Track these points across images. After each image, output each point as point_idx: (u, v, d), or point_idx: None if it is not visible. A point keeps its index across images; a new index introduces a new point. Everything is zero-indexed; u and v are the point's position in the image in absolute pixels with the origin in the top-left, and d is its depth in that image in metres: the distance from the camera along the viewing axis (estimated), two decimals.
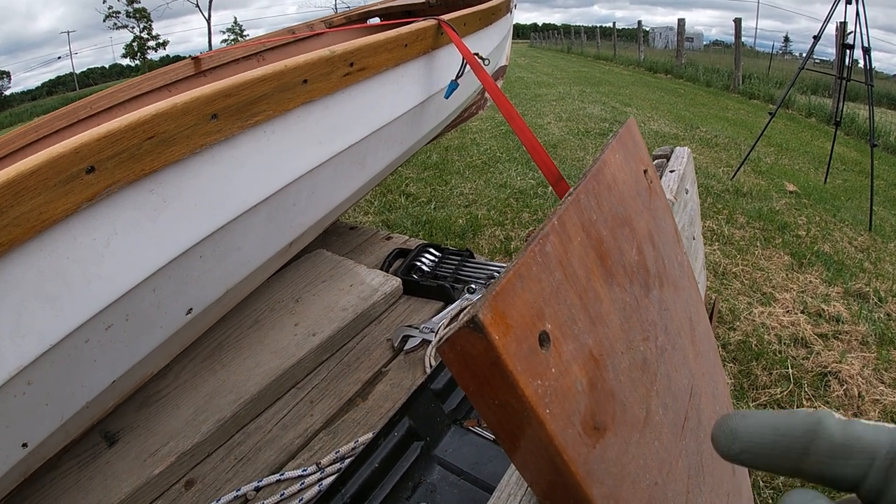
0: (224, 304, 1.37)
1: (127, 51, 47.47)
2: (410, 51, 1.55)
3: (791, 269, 3.51)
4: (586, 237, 0.44)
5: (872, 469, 0.27)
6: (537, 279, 0.36)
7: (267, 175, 1.23)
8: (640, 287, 0.53)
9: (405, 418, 1.10)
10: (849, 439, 0.28)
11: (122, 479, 1.15)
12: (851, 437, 0.28)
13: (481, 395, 0.34)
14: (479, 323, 0.30)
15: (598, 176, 0.50)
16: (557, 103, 9.30)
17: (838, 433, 0.28)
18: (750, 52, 21.68)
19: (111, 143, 0.90)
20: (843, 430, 0.28)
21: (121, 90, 2.24)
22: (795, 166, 6.07)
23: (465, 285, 1.71)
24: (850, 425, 0.28)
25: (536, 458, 0.37)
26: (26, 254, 0.86)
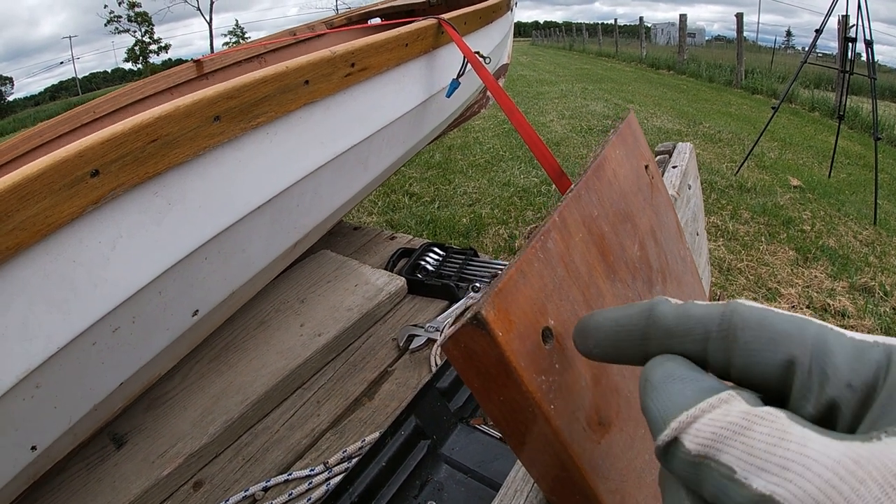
0: (230, 305, 1.37)
1: (129, 55, 47.49)
2: (411, 50, 1.55)
3: (796, 263, 3.51)
4: (588, 233, 0.44)
5: (710, 343, 0.28)
6: (539, 275, 0.37)
7: (270, 176, 1.23)
8: (642, 283, 0.53)
9: (412, 417, 1.10)
10: (681, 319, 0.29)
11: (130, 480, 1.15)
12: (683, 316, 0.29)
13: (486, 391, 0.34)
14: (483, 320, 0.31)
15: (598, 171, 0.50)
16: (560, 101, 9.29)
17: (671, 315, 0.29)
18: (752, 47, 21.60)
19: (115, 146, 0.90)
20: (676, 311, 0.29)
21: (123, 94, 2.24)
22: (799, 161, 6.05)
23: (470, 284, 1.71)
24: (682, 307, 0.29)
25: (542, 454, 0.37)
26: (32, 257, 0.87)
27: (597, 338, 0.33)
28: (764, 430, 0.22)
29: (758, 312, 0.26)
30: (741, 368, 0.26)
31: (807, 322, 0.25)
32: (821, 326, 0.25)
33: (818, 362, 0.24)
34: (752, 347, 0.26)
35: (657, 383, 0.27)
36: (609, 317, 0.32)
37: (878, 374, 0.23)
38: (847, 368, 0.24)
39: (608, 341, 0.32)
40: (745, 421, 0.23)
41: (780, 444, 0.22)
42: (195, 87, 2.44)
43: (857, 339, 0.25)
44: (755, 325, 0.26)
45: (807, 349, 0.25)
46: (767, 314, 0.26)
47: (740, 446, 0.22)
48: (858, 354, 0.24)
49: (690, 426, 0.24)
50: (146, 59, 47.15)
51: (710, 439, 0.23)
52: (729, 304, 0.28)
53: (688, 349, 0.28)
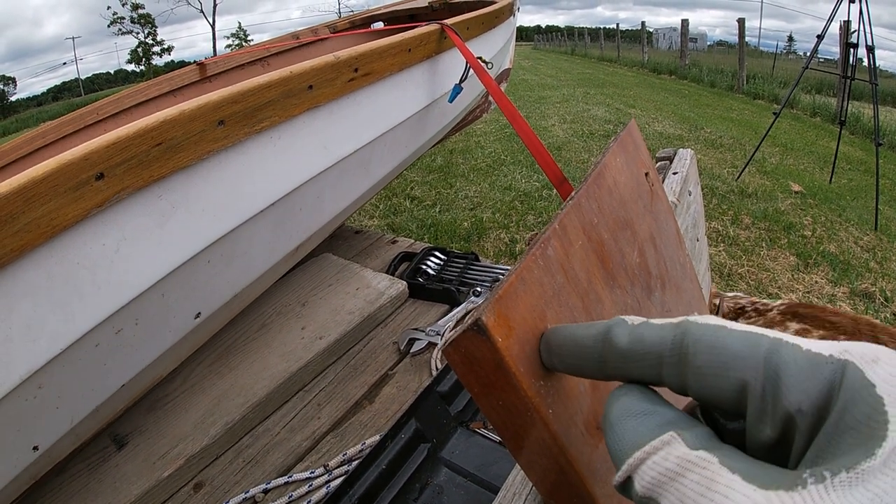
0: (232, 307, 1.38)
1: (132, 56, 47.48)
2: (414, 55, 1.56)
3: (797, 269, 3.50)
4: (587, 240, 0.45)
5: (663, 367, 0.28)
6: (539, 282, 0.37)
7: (273, 180, 1.24)
8: (641, 289, 0.53)
9: (412, 420, 1.11)
10: (634, 344, 0.29)
11: (131, 481, 1.16)
12: (636, 341, 0.29)
13: (485, 396, 0.34)
14: (483, 326, 0.31)
15: (598, 179, 0.50)
16: (561, 105, 9.29)
17: (625, 340, 0.29)
18: (754, 52, 21.64)
19: (120, 149, 0.91)
20: (630, 335, 0.29)
21: (127, 96, 2.24)
22: (800, 166, 6.05)
23: (471, 288, 1.72)
24: (636, 330, 0.30)
25: (540, 458, 0.38)
26: (37, 259, 0.87)
27: (559, 354, 0.34)
28: (695, 476, 0.23)
29: (710, 333, 0.26)
30: (696, 392, 0.27)
31: (760, 338, 0.25)
32: (774, 343, 0.25)
33: (770, 385, 0.24)
34: (703, 372, 0.26)
35: (614, 421, 0.28)
36: (570, 335, 0.33)
37: (829, 394, 0.23)
38: (798, 390, 0.23)
39: (570, 359, 0.33)
40: (679, 467, 0.24)
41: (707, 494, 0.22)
42: (198, 90, 2.45)
43: (812, 353, 0.24)
44: (706, 348, 0.26)
45: (759, 371, 0.24)
46: (720, 334, 0.26)
47: (675, 492, 0.23)
48: (811, 372, 0.24)
49: (639, 468, 0.25)
50: (149, 61, 47.14)
51: (652, 483, 0.24)
52: (681, 324, 0.28)
53: (643, 374, 0.29)
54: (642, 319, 0.30)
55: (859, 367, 0.23)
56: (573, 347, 0.33)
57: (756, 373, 0.24)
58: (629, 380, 0.30)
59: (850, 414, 0.22)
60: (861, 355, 0.23)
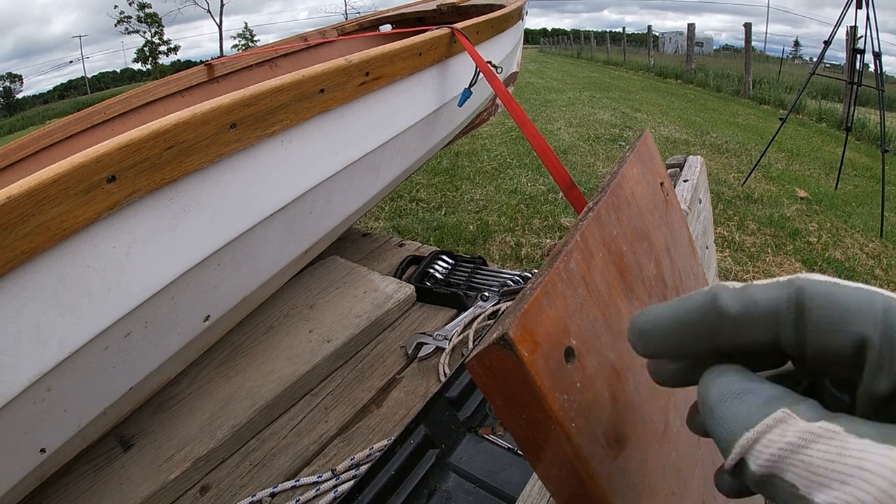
0: (240, 310, 1.38)
1: (138, 55, 47.63)
2: (424, 59, 1.56)
3: None
4: (608, 252, 0.45)
5: (781, 326, 0.27)
6: (562, 296, 0.37)
7: (284, 184, 1.24)
8: (658, 300, 0.53)
9: (421, 426, 1.10)
10: (746, 307, 0.28)
11: (137, 483, 1.16)
12: (748, 303, 0.28)
13: (508, 409, 0.34)
14: (509, 340, 0.31)
15: (617, 191, 0.50)
16: (567, 109, 9.28)
17: (734, 305, 0.29)
18: (760, 57, 21.60)
19: (132, 152, 0.91)
20: (739, 299, 0.29)
21: (135, 95, 2.25)
22: (806, 172, 6.04)
23: (479, 293, 1.72)
24: (744, 293, 0.29)
25: (560, 470, 0.38)
26: (47, 262, 0.87)
27: (657, 339, 0.32)
28: (822, 447, 0.23)
29: (825, 288, 0.26)
30: (817, 348, 0.26)
31: (874, 294, 0.26)
32: (888, 298, 0.25)
33: (888, 339, 0.24)
34: (822, 328, 0.26)
35: (713, 405, 0.27)
36: (666, 315, 0.31)
37: None
38: None
39: (671, 340, 0.31)
40: (802, 440, 0.23)
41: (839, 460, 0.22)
42: (206, 91, 2.46)
43: None
44: (823, 302, 0.26)
45: (877, 325, 0.25)
46: (834, 290, 0.26)
47: (800, 464, 0.23)
48: None
49: (752, 448, 0.25)
50: (155, 60, 47.26)
51: (771, 460, 0.24)
52: (793, 280, 0.28)
53: (759, 338, 0.28)
54: (742, 283, 0.30)
55: None
56: (675, 325, 0.31)
57: (875, 327, 0.25)
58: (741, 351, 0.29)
59: None
60: None
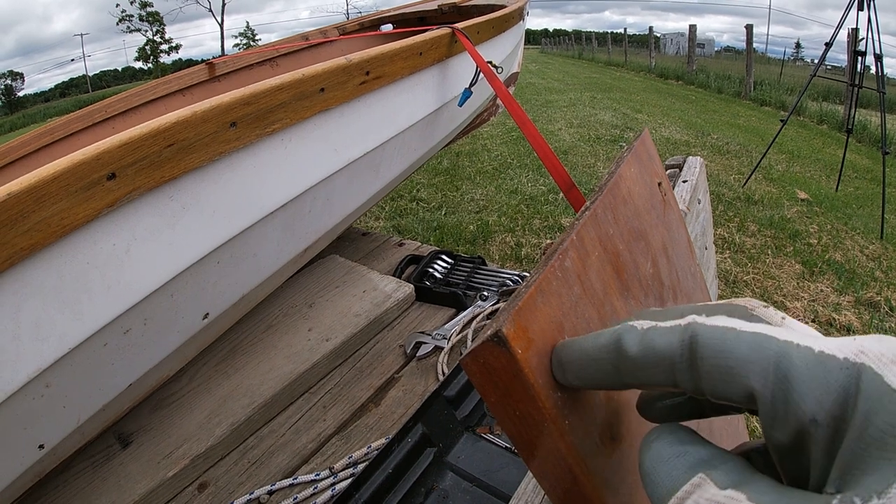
0: (239, 308, 1.38)
1: (140, 54, 47.65)
2: (425, 59, 1.56)
3: (802, 277, 3.50)
4: (603, 251, 0.45)
5: (676, 373, 0.27)
6: (557, 294, 0.37)
7: (284, 182, 1.24)
8: (654, 300, 0.53)
9: (419, 425, 1.10)
10: (645, 352, 0.28)
11: (135, 480, 1.16)
12: (647, 348, 0.28)
13: (502, 406, 0.35)
14: (503, 337, 0.31)
15: (614, 190, 0.50)
16: (568, 109, 9.28)
17: (635, 348, 0.29)
18: (761, 59, 21.59)
19: (132, 150, 0.91)
20: (640, 343, 0.29)
21: (136, 94, 2.25)
22: (807, 174, 6.04)
23: (478, 293, 1.72)
24: (646, 336, 0.29)
25: (555, 468, 0.38)
26: (47, 259, 0.87)
27: (573, 370, 0.33)
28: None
29: (718, 335, 0.26)
30: (710, 395, 0.26)
31: (768, 340, 0.24)
32: (783, 346, 0.24)
33: (780, 393, 0.23)
34: (713, 377, 0.25)
35: (648, 469, 0.28)
36: (580, 349, 0.32)
37: (845, 402, 0.22)
38: (811, 400, 0.22)
39: (584, 373, 0.32)
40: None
41: None
42: (207, 89, 2.46)
43: (825, 356, 0.23)
44: (714, 352, 0.25)
45: (768, 377, 0.24)
46: (728, 337, 0.25)
47: None
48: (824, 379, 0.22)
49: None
50: (157, 59, 47.30)
51: None
52: (689, 326, 0.27)
53: (659, 380, 0.28)
54: (651, 323, 0.29)
55: (877, 371, 0.21)
56: (585, 361, 0.32)
57: (765, 379, 0.24)
58: (646, 387, 0.30)
59: (872, 426, 0.21)
60: (878, 356, 0.22)
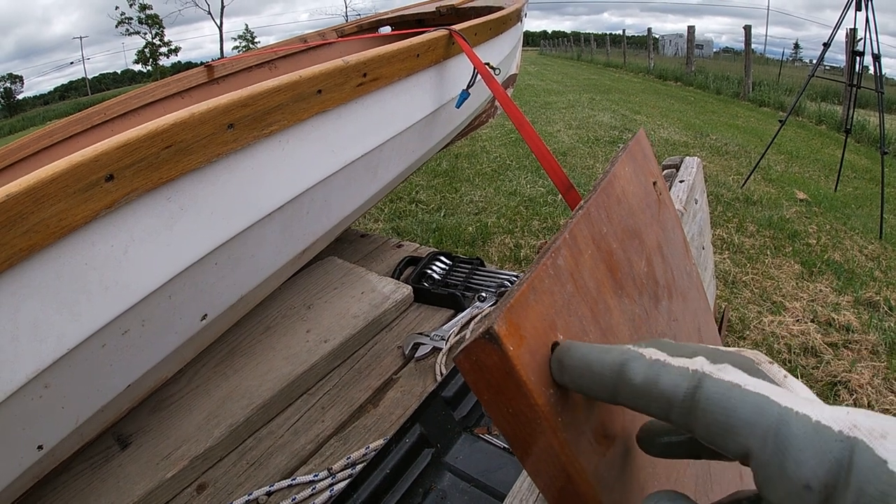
0: (238, 310, 1.38)
1: (139, 57, 47.61)
2: (422, 61, 1.56)
3: (801, 277, 3.50)
4: (597, 250, 0.45)
5: (672, 413, 0.28)
6: (550, 292, 0.37)
7: (281, 184, 1.24)
8: (649, 298, 0.53)
9: (416, 425, 1.11)
10: (648, 384, 0.30)
11: (134, 481, 1.16)
12: (650, 382, 0.29)
13: (495, 403, 0.35)
14: (495, 334, 0.31)
15: (608, 189, 0.51)
16: (567, 111, 9.29)
17: (639, 378, 0.30)
18: (760, 59, 21.57)
19: (130, 151, 0.91)
20: (645, 374, 0.30)
21: (135, 96, 2.25)
22: (806, 174, 6.04)
23: (476, 293, 1.72)
24: (652, 369, 0.30)
25: (548, 466, 0.38)
26: (46, 260, 0.87)
27: (571, 374, 0.34)
28: None
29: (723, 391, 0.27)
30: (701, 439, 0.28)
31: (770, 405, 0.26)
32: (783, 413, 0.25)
33: (777, 457, 0.24)
34: (712, 430, 0.27)
35: None
36: (584, 359, 0.33)
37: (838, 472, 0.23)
38: (806, 467, 0.24)
39: (581, 380, 0.33)
40: None
41: None
42: (206, 92, 2.46)
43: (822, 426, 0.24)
44: (716, 408, 0.27)
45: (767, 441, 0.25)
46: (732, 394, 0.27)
47: None
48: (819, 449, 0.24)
49: None
50: (156, 62, 47.24)
51: None
52: (695, 374, 0.28)
53: (652, 412, 0.30)
54: (659, 356, 0.31)
55: (869, 444, 0.23)
56: (586, 371, 0.33)
57: (763, 442, 0.25)
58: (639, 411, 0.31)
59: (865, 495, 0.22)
60: (870, 430, 0.23)
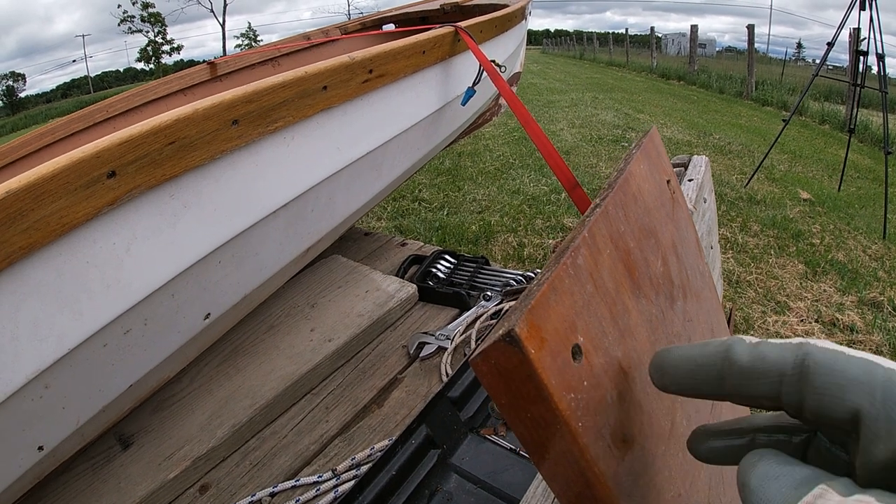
0: (241, 308, 1.37)
1: (141, 55, 47.75)
2: (428, 58, 1.55)
3: (805, 277, 3.50)
4: (615, 249, 0.44)
5: (783, 385, 0.29)
6: (570, 292, 0.36)
7: (286, 181, 1.23)
8: (665, 298, 0.53)
9: (422, 426, 1.10)
10: (755, 361, 0.30)
11: (136, 482, 1.15)
12: (758, 359, 0.30)
13: (513, 407, 0.34)
14: (516, 336, 0.30)
15: (624, 187, 0.50)
16: (570, 110, 9.30)
17: (746, 357, 0.31)
18: (763, 59, 21.60)
19: (133, 147, 0.90)
20: (750, 353, 0.31)
21: (137, 94, 2.25)
22: (809, 174, 6.04)
23: (481, 293, 1.71)
24: (757, 348, 0.31)
25: (566, 470, 0.37)
26: (46, 258, 0.86)
27: (674, 375, 0.35)
28: None
29: (830, 356, 0.27)
30: (813, 411, 0.28)
31: (876, 366, 0.26)
32: (888, 371, 0.26)
33: (886, 409, 0.25)
34: (823, 393, 0.27)
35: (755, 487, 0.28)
36: (685, 356, 0.34)
37: None
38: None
39: (685, 380, 0.34)
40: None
41: None
42: (209, 89, 2.46)
43: None
44: (826, 370, 0.27)
45: (875, 397, 0.26)
46: (839, 358, 0.27)
47: None
48: None
49: None
50: (158, 60, 47.39)
51: None
52: (801, 345, 0.29)
53: (763, 392, 0.30)
54: (758, 339, 0.31)
55: None
56: (690, 367, 0.34)
57: (872, 398, 0.26)
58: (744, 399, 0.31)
59: None
60: None
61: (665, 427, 0.47)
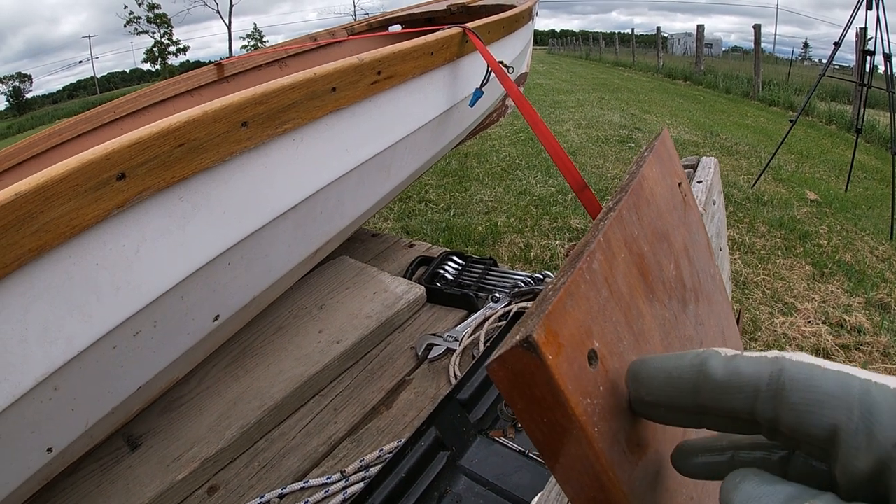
0: (250, 310, 1.37)
1: (147, 56, 47.85)
2: (436, 59, 1.55)
3: (812, 278, 3.49)
4: (629, 253, 0.44)
5: (758, 401, 0.28)
6: (586, 297, 0.36)
7: (295, 183, 1.23)
8: (678, 302, 0.52)
9: (431, 428, 1.10)
10: (730, 376, 0.30)
11: (144, 483, 1.15)
12: (732, 373, 0.30)
13: (529, 412, 0.34)
14: (534, 342, 0.30)
15: (637, 190, 0.49)
16: (576, 110, 9.29)
17: (720, 371, 0.30)
18: (769, 59, 21.53)
19: (142, 149, 0.90)
20: (725, 367, 0.30)
21: (145, 95, 2.25)
22: (816, 174, 6.03)
23: (490, 294, 1.71)
24: (732, 361, 0.30)
25: (581, 475, 0.37)
26: (56, 260, 0.87)
27: (649, 387, 0.35)
28: None
29: (805, 371, 0.27)
30: (789, 426, 0.27)
31: (851, 378, 0.26)
32: (864, 384, 0.26)
33: (864, 424, 0.25)
34: (798, 409, 0.27)
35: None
36: (661, 367, 0.34)
37: None
38: (891, 427, 0.25)
39: (661, 391, 0.34)
40: None
41: None
42: (216, 90, 2.46)
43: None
44: (802, 386, 0.27)
45: (853, 411, 0.25)
46: (814, 373, 0.27)
47: None
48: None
49: None
50: (164, 61, 47.45)
51: None
52: (777, 360, 0.28)
53: (737, 406, 0.30)
54: (734, 352, 0.31)
55: None
56: (665, 379, 0.33)
57: (850, 413, 0.26)
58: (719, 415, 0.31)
59: None
60: None
61: (678, 431, 0.47)
